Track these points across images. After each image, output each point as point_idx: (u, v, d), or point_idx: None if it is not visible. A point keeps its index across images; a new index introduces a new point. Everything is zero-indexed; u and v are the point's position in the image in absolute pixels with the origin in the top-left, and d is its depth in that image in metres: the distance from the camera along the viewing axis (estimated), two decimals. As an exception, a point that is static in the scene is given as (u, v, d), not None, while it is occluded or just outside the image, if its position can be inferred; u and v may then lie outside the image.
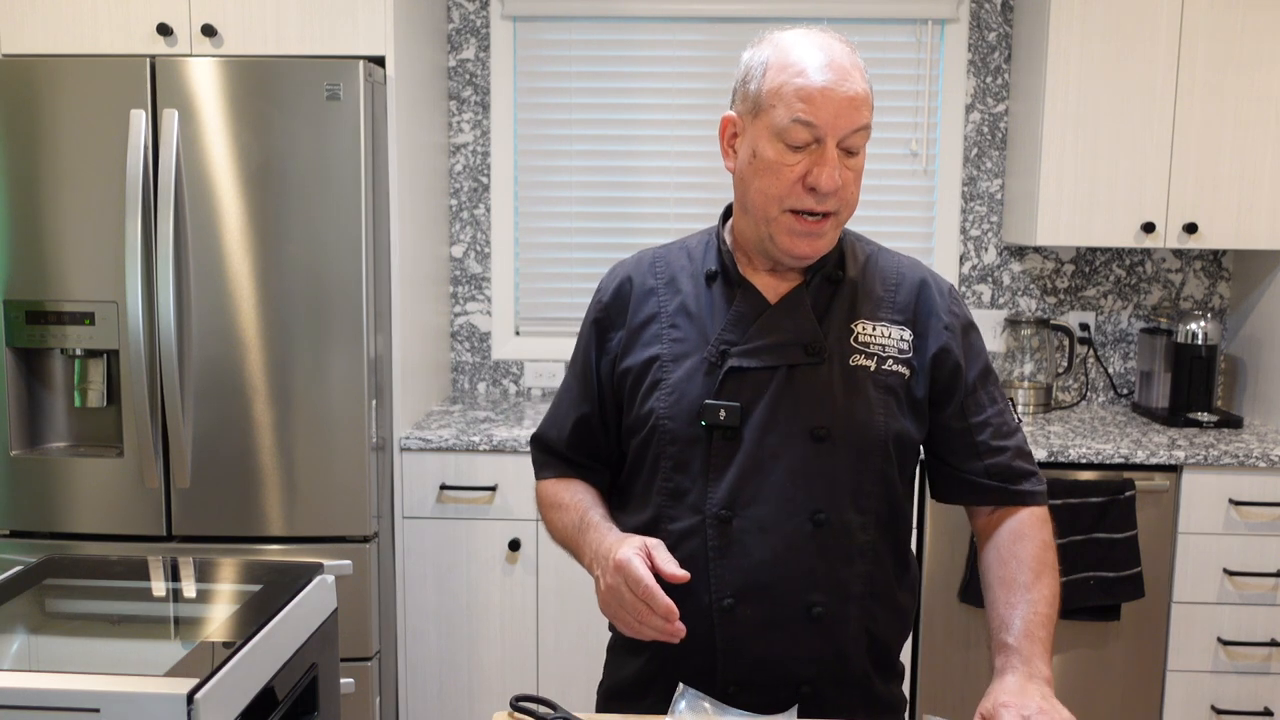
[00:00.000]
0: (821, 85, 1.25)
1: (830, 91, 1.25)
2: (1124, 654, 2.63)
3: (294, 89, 2.40)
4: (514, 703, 1.25)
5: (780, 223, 1.30)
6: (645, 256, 1.47)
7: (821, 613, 1.32)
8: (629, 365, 1.40)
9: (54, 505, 2.50)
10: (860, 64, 1.30)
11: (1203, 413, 2.89)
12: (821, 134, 1.25)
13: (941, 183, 3.15)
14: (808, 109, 1.25)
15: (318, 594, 1.25)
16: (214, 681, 0.95)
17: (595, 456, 1.47)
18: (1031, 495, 1.39)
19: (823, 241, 1.32)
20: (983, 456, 1.39)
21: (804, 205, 1.28)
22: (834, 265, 1.39)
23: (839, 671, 1.35)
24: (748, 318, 1.34)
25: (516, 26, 3.13)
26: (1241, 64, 2.73)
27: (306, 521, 2.49)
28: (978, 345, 1.42)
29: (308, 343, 2.45)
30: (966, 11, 3.09)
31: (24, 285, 2.46)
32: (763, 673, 1.33)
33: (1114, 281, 3.16)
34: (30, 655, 1.07)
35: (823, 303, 1.36)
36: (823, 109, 1.25)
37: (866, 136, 1.29)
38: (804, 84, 1.26)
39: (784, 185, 1.28)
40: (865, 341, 1.35)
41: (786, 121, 1.26)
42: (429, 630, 2.69)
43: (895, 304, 1.38)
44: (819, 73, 1.26)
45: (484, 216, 3.19)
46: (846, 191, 1.29)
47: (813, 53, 1.28)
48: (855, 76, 1.27)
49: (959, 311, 1.41)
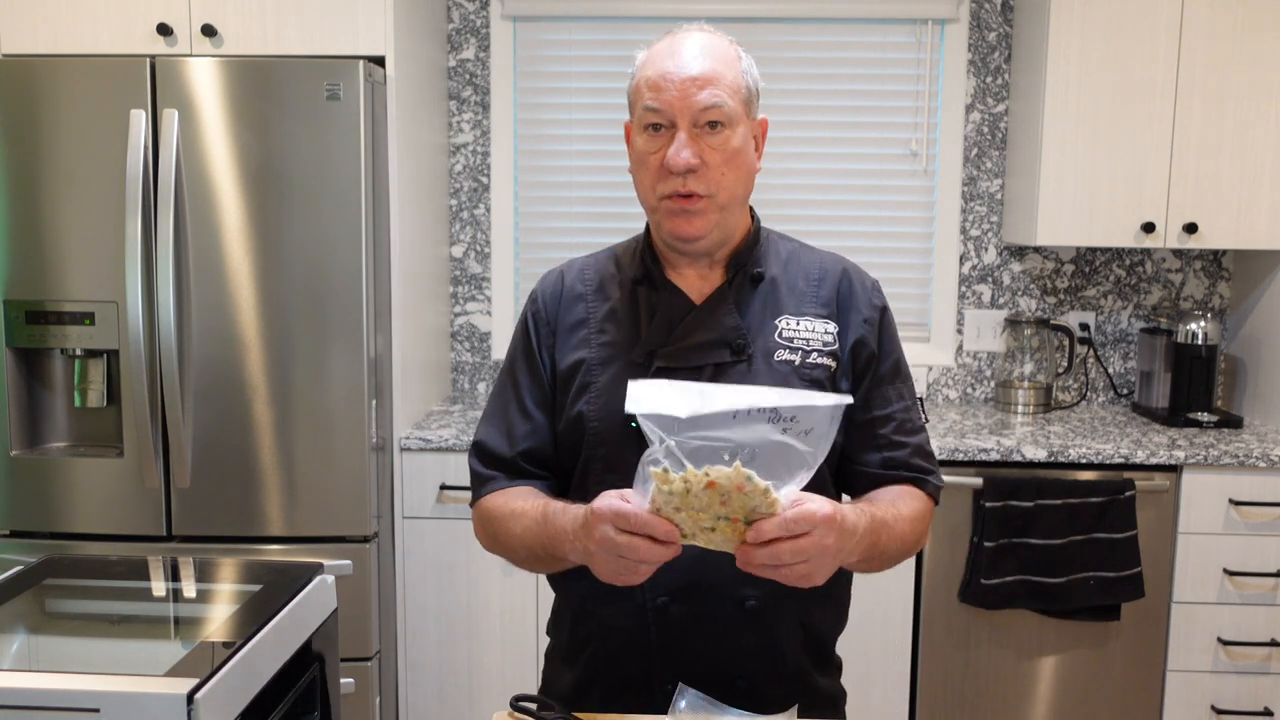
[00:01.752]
0: (663, 71, 1.31)
1: (671, 75, 1.30)
2: (1124, 654, 2.63)
3: (294, 89, 2.40)
4: (514, 703, 1.25)
5: (661, 209, 1.35)
6: (575, 264, 1.50)
7: (755, 606, 1.33)
8: (559, 370, 1.41)
9: (54, 505, 2.50)
10: (724, 52, 1.34)
11: (1203, 413, 2.89)
12: (670, 117, 1.30)
13: (941, 183, 3.15)
14: (654, 95, 1.31)
15: (318, 594, 1.25)
16: (214, 681, 0.95)
17: (545, 464, 1.42)
18: (925, 482, 1.40)
19: (701, 221, 1.33)
20: (881, 449, 1.39)
21: (671, 188, 1.32)
22: (756, 263, 1.42)
23: (774, 665, 1.36)
24: (673, 319, 1.37)
25: (516, 26, 3.14)
26: (1241, 64, 2.73)
27: (306, 521, 2.49)
28: (893, 341, 1.44)
29: (308, 343, 2.45)
30: (966, 11, 3.09)
31: (24, 285, 2.46)
32: (698, 669, 1.33)
33: (1114, 281, 3.16)
34: (30, 655, 1.07)
35: (745, 301, 1.39)
36: (665, 92, 1.30)
37: (723, 114, 1.30)
38: (650, 74, 1.32)
39: (652, 173, 1.33)
40: (789, 337, 1.37)
41: (642, 112, 1.33)
42: (429, 630, 2.69)
43: (819, 298, 1.40)
44: (663, 60, 1.32)
45: (484, 216, 3.19)
46: (714, 172, 1.31)
47: (664, 45, 1.34)
48: (702, 59, 1.31)
49: (879, 304, 1.43)
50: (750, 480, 1.05)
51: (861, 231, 3.16)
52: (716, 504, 1.06)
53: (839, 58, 3.11)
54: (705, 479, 1.05)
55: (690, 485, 1.05)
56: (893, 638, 2.65)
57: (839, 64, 3.11)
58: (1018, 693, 2.66)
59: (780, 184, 3.12)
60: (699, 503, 1.06)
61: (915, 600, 2.64)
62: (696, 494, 1.05)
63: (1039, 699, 2.66)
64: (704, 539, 1.09)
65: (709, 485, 1.05)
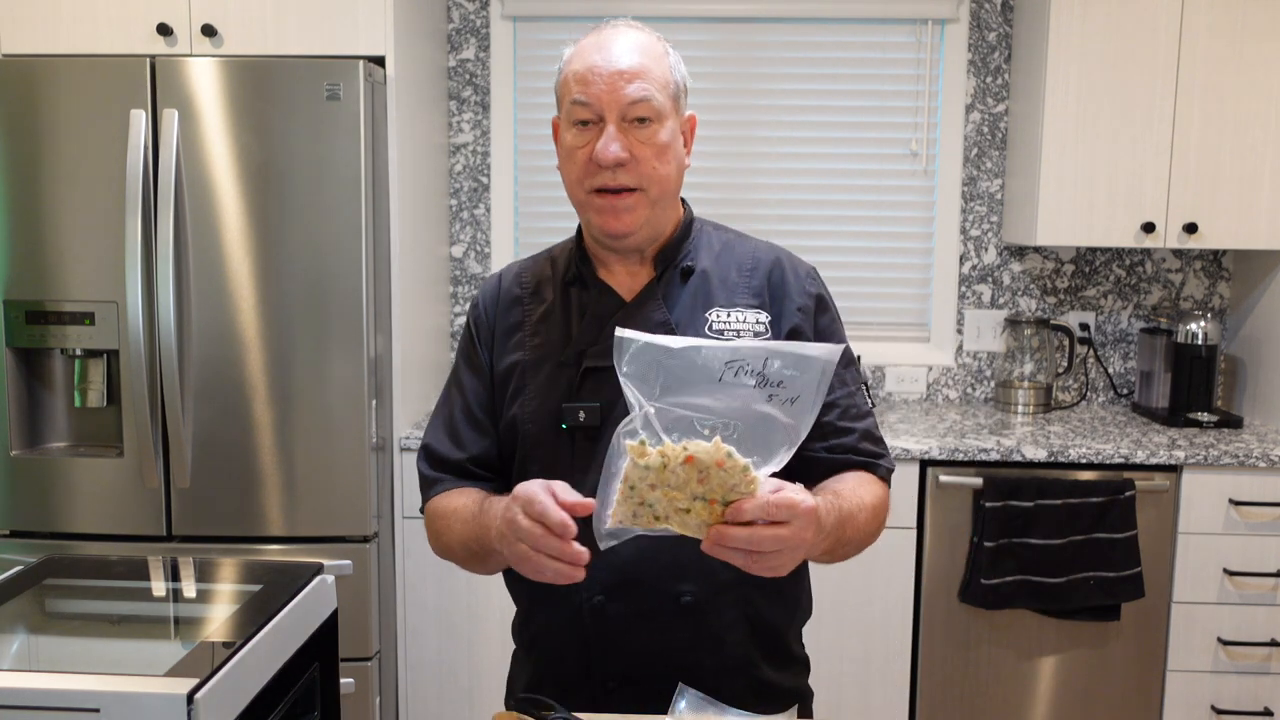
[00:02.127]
0: (591, 65, 1.31)
1: (598, 69, 1.30)
2: (1124, 654, 2.63)
3: (294, 89, 2.40)
4: (514, 702, 1.25)
5: (589, 204, 1.34)
6: (513, 267, 1.50)
7: (690, 601, 1.32)
8: (497, 373, 1.42)
9: (54, 505, 2.50)
10: (652, 47, 1.34)
11: (1203, 413, 2.89)
12: (598, 110, 1.30)
13: (941, 183, 3.15)
14: (581, 89, 1.31)
15: (318, 594, 1.25)
16: (214, 681, 0.95)
17: (493, 468, 1.43)
18: (875, 465, 1.37)
19: (630, 216, 1.32)
20: (827, 437, 1.35)
21: (599, 182, 1.31)
22: (685, 257, 1.40)
23: (717, 659, 1.35)
24: (603, 317, 1.36)
25: (516, 26, 3.13)
26: (1241, 64, 2.73)
27: (306, 521, 2.49)
28: (831, 326, 1.42)
29: (308, 343, 2.45)
30: (966, 11, 3.09)
31: (24, 285, 2.46)
32: (640, 666, 1.33)
33: (1114, 281, 3.16)
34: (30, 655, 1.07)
35: (675, 295, 1.37)
36: (592, 85, 1.30)
37: (652, 109, 1.30)
38: (578, 68, 1.33)
39: (579, 166, 1.32)
40: (719, 329, 1.35)
41: (570, 106, 1.33)
42: (429, 630, 2.69)
43: (750, 288, 1.39)
44: (591, 54, 1.33)
45: (484, 216, 3.19)
46: (645, 166, 1.31)
47: (592, 40, 1.36)
48: (630, 54, 1.31)
49: (814, 291, 1.41)
50: (730, 456, 1.01)
51: (861, 231, 3.16)
52: (694, 482, 1.02)
53: (839, 58, 3.11)
54: (683, 453, 1.01)
55: (668, 460, 1.01)
56: (893, 638, 2.65)
57: (839, 64, 3.11)
58: (1018, 693, 2.66)
59: (780, 184, 3.12)
60: (675, 479, 1.02)
61: (915, 600, 2.64)
62: (674, 469, 1.01)
63: (1039, 699, 2.66)
64: (678, 521, 1.05)
65: (687, 460, 1.01)
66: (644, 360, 1.09)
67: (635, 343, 1.09)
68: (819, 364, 1.10)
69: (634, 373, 1.09)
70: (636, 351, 1.09)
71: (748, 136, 3.14)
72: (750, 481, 1.02)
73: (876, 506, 1.32)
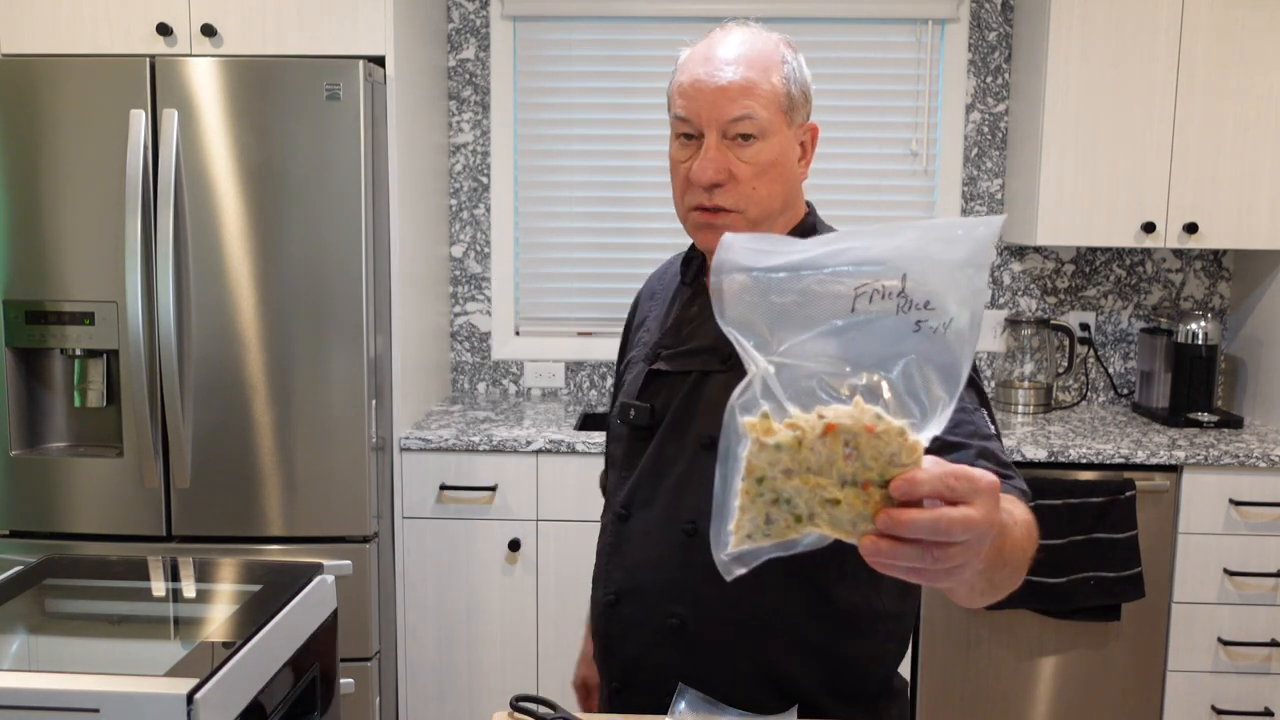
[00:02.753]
0: (694, 79, 1.25)
1: (702, 84, 1.24)
2: (1124, 654, 2.63)
3: (294, 89, 2.40)
4: (514, 703, 1.25)
5: (690, 220, 1.30)
6: (662, 264, 1.51)
7: (677, 624, 1.25)
8: (623, 365, 1.47)
9: (54, 505, 2.50)
10: (763, 57, 1.25)
11: (1203, 413, 2.89)
12: (698, 127, 1.25)
13: (941, 183, 3.15)
14: (684, 104, 1.26)
15: (318, 594, 1.25)
16: (214, 681, 0.95)
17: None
18: (1009, 484, 1.12)
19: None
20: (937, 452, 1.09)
21: (697, 200, 1.27)
22: None
23: (707, 691, 1.24)
24: (686, 322, 1.35)
25: (516, 26, 3.13)
26: (1241, 64, 2.73)
27: (306, 521, 2.49)
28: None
29: (308, 343, 2.45)
30: (966, 11, 3.09)
31: (24, 285, 2.46)
32: (635, 675, 1.31)
33: (1114, 281, 3.16)
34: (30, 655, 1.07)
35: None
36: (694, 101, 1.25)
37: (755, 126, 1.23)
38: (682, 80, 1.27)
39: (680, 182, 1.29)
40: None
41: (673, 119, 1.29)
42: (429, 630, 2.69)
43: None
44: (696, 66, 1.26)
45: (484, 216, 3.19)
46: (744, 186, 1.25)
47: (701, 49, 1.28)
48: (736, 67, 1.24)
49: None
50: (880, 418, 0.74)
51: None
52: (840, 459, 0.74)
53: (839, 58, 3.11)
54: (821, 422, 0.74)
55: (803, 434, 0.74)
56: (893, 638, 2.64)
57: (839, 64, 3.11)
58: (1018, 693, 2.66)
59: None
60: (816, 459, 0.74)
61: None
62: (812, 445, 0.74)
63: (1039, 699, 2.66)
64: (826, 519, 0.76)
65: (827, 430, 0.74)
66: (748, 300, 0.82)
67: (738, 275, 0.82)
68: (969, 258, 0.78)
69: (737, 316, 0.82)
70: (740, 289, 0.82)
71: (748, 136, 3.14)
72: (913, 448, 0.74)
73: (1030, 525, 1.03)
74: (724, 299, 0.81)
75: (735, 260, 0.82)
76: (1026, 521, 1.02)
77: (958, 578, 0.79)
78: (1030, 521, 1.04)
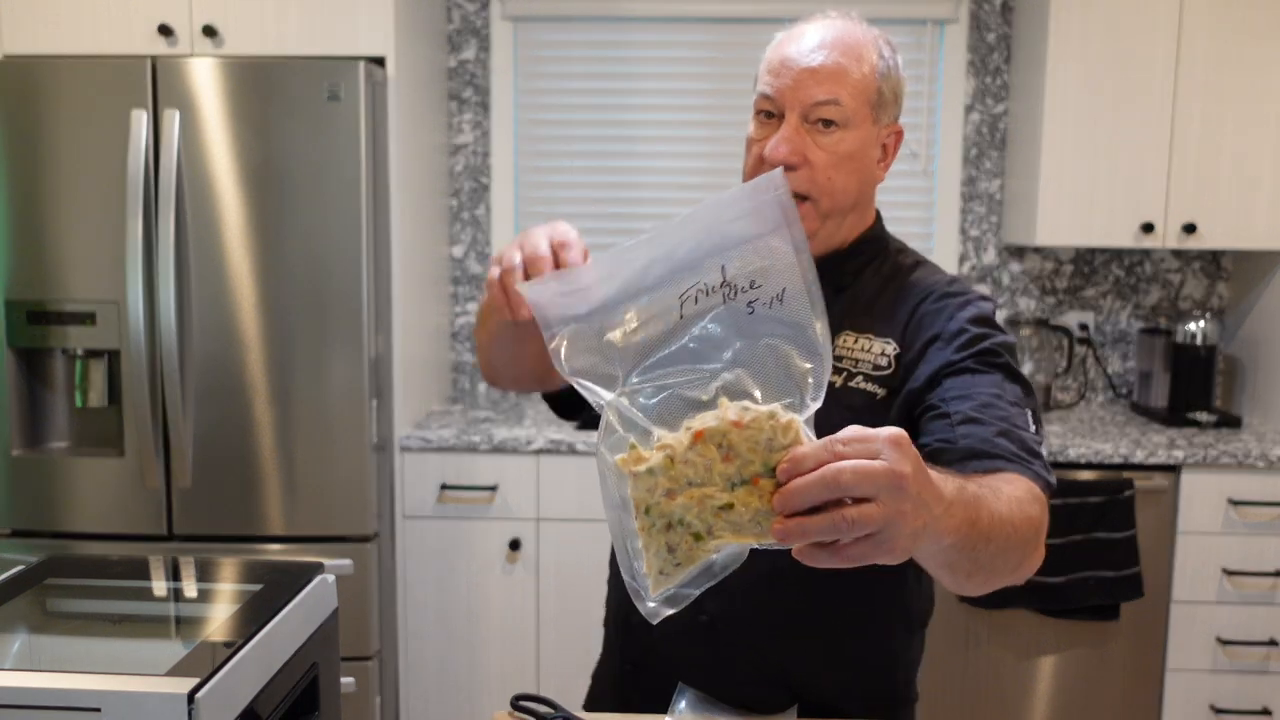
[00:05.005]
0: (784, 57, 1.21)
1: (791, 63, 1.20)
2: (1123, 654, 2.64)
3: (294, 89, 2.40)
4: (514, 702, 1.26)
5: None
6: None
7: (706, 621, 1.22)
8: None
9: (55, 505, 2.50)
10: (858, 48, 1.22)
11: (1202, 413, 2.89)
12: (781, 106, 1.20)
13: (941, 183, 3.15)
14: (770, 80, 1.22)
15: (318, 594, 1.25)
16: (214, 681, 0.96)
17: None
18: (1026, 465, 1.06)
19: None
20: (954, 425, 1.09)
21: None
22: (849, 273, 1.28)
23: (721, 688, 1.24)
24: None
25: (516, 27, 3.14)
26: (1241, 64, 2.73)
27: (307, 521, 2.50)
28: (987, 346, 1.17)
29: (308, 343, 2.46)
30: (966, 12, 3.09)
31: (25, 285, 2.46)
32: (653, 659, 1.30)
33: (1113, 281, 3.16)
34: (31, 655, 1.07)
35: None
36: (781, 78, 1.20)
37: (838, 113, 1.19)
38: (772, 57, 1.23)
39: (753, 161, 1.24)
40: (839, 355, 1.22)
41: (756, 96, 1.24)
42: (429, 630, 2.70)
43: (893, 316, 1.23)
44: (789, 45, 1.22)
45: (484, 216, 3.19)
46: (819, 174, 1.20)
47: (798, 29, 1.24)
48: (830, 51, 1.20)
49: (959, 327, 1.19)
50: (746, 410, 0.72)
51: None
52: (718, 461, 0.73)
53: (839, 58, 3.11)
54: (688, 434, 0.73)
55: (672, 450, 0.73)
56: (892, 637, 2.65)
57: (839, 64, 3.11)
58: (1017, 693, 2.66)
59: (780, 184, 3.11)
60: (695, 471, 0.73)
61: (915, 600, 2.65)
62: (685, 458, 0.73)
63: (1039, 699, 2.66)
64: (724, 526, 0.75)
65: (696, 439, 0.73)
66: (584, 347, 0.79)
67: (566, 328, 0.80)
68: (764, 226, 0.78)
69: (582, 367, 0.79)
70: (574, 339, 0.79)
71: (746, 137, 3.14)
72: (786, 428, 0.72)
73: (1023, 501, 0.98)
74: (563, 355, 0.79)
75: (557, 315, 0.80)
76: (1014, 497, 0.97)
77: (885, 547, 0.73)
78: (1021, 498, 0.98)
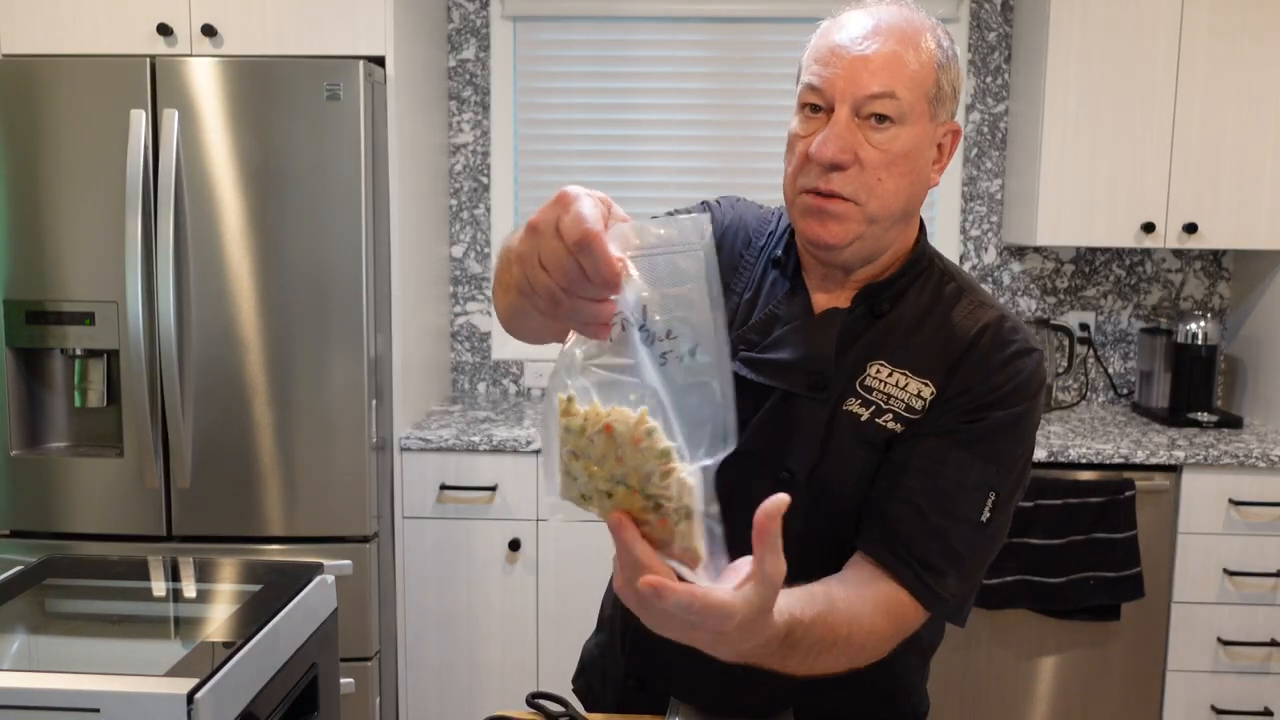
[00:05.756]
0: (833, 45, 1.09)
1: (842, 51, 1.07)
2: (1124, 654, 2.63)
3: (294, 89, 2.40)
4: (530, 700, 1.26)
5: (798, 205, 1.12)
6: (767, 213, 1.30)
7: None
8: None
9: (54, 505, 2.50)
10: (915, 33, 1.09)
11: (1203, 413, 2.89)
12: (829, 99, 1.08)
13: (942, 182, 3.15)
14: (818, 70, 1.09)
15: (318, 594, 1.25)
16: (214, 681, 0.95)
17: None
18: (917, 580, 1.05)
19: (839, 227, 1.09)
20: (883, 507, 1.09)
21: (810, 182, 1.09)
22: (888, 296, 1.16)
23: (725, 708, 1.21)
24: (778, 321, 1.17)
25: (516, 26, 3.14)
26: (1241, 64, 2.73)
27: (306, 521, 2.49)
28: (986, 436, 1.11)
29: (308, 343, 2.45)
30: (966, 11, 3.09)
31: (24, 285, 2.46)
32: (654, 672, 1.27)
33: (1114, 281, 3.16)
34: (30, 655, 1.07)
35: (855, 333, 1.15)
36: (830, 67, 1.07)
37: (893, 108, 1.06)
38: (819, 45, 1.11)
39: (797, 159, 1.11)
40: (870, 385, 1.13)
41: (801, 88, 1.12)
42: (429, 630, 2.69)
43: (932, 352, 1.13)
44: (838, 31, 1.10)
45: (484, 216, 3.19)
46: (869, 175, 1.08)
47: (846, 15, 1.12)
48: (885, 39, 1.07)
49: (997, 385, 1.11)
50: (651, 435, 0.75)
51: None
52: (612, 459, 0.78)
53: (839, 58, 3.11)
54: (603, 420, 0.76)
55: (587, 426, 0.77)
56: (893, 638, 2.64)
57: (839, 64, 3.11)
58: (1018, 693, 2.66)
59: (780, 184, 3.11)
60: (594, 451, 0.78)
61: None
62: (591, 438, 0.77)
63: (1039, 699, 2.66)
64: (598, 505, 0.81)
65: (605, 429, 0.77)
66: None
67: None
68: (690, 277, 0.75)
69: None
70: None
71: (747, 136, 3.14)
72: (667, 473, 0.76)
73: (873, 616, 1.01)
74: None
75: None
76: (861, 614, 0.99)
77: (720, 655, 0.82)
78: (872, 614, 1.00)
